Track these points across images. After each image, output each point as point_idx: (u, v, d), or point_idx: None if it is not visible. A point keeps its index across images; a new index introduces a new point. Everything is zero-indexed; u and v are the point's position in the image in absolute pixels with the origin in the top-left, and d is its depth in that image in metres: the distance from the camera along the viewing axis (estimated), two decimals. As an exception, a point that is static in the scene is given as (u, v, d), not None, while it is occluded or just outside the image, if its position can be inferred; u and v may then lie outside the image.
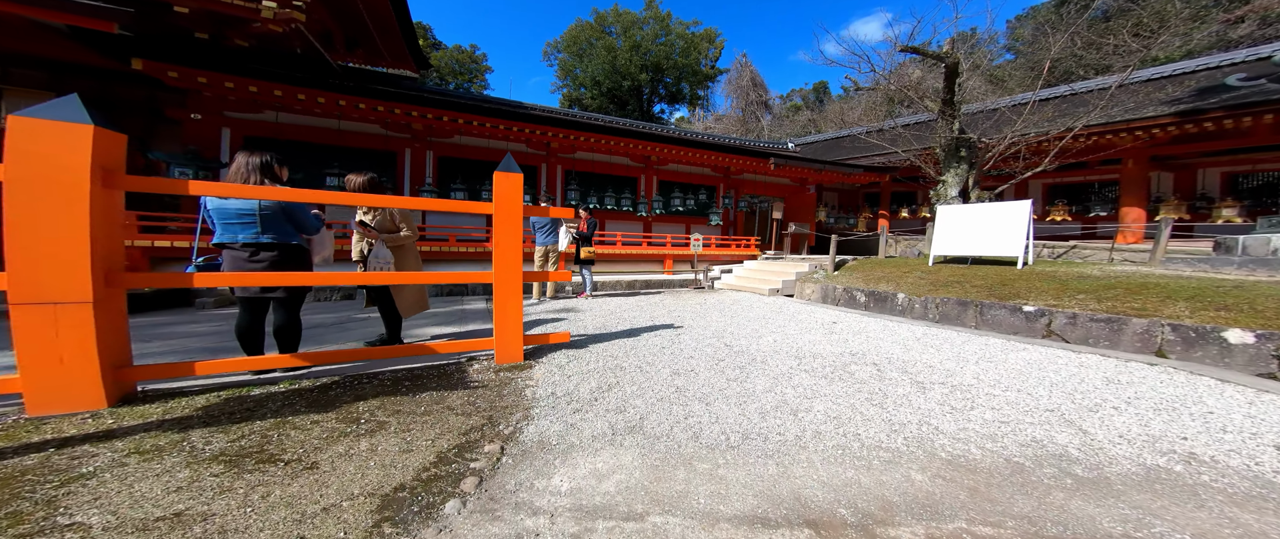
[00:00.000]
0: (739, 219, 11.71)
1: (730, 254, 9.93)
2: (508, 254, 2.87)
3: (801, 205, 11.77)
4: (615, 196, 8.85)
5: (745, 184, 11.40)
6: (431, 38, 27.54)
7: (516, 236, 2.89)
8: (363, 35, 9.44)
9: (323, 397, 2.24)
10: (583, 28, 25.16)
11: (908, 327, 4.83)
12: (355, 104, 5.57)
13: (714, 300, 6.73)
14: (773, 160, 9.44)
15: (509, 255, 2.87)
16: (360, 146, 6.91)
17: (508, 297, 2.91)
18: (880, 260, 7.87)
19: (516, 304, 2.94)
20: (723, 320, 4.97)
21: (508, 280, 2.90)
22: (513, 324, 2.95)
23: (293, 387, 2.35)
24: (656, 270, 9.23)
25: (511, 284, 2.91)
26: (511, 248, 2.87)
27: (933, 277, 5.91)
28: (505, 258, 2.87)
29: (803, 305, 6.41)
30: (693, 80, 28.37)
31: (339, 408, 2.12)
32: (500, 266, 2.87)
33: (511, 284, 2.91)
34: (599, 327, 4.37)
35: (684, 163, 10.17)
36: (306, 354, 2.47)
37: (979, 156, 7.25)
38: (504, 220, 2.85)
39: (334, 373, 2.57)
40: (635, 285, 8.34)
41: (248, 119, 6.08)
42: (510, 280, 2.90)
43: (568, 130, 7.61)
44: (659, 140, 8.72)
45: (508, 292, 2.90)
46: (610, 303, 6.11)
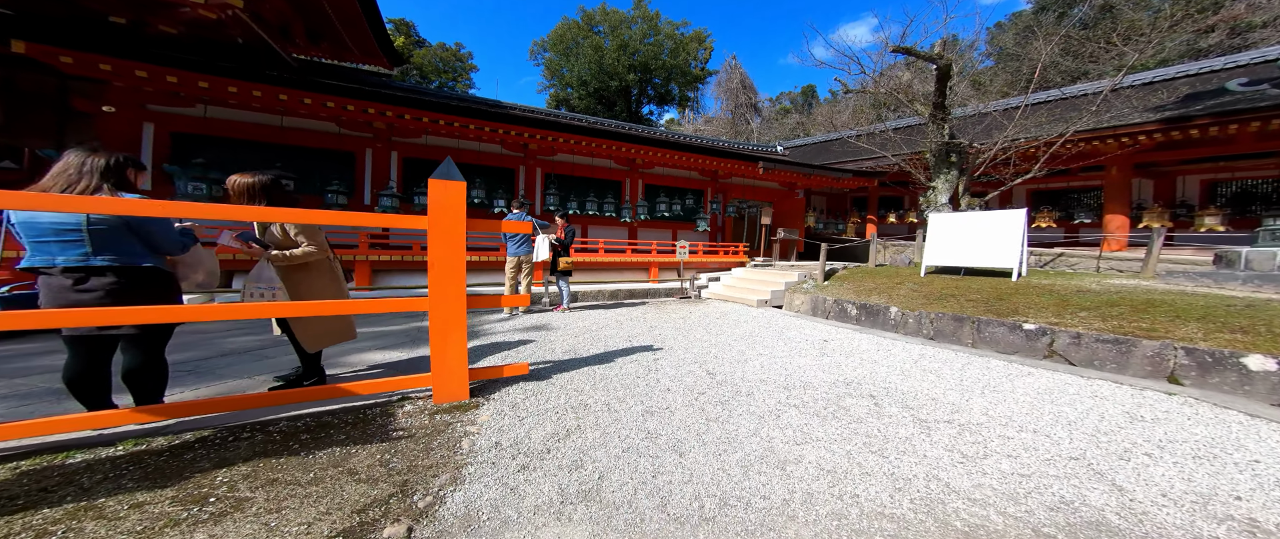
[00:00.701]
0: (727, 225, 11.40)
1: (718, 261, 9.59)
2: (446, 275, 2.42)
3: (790, 210, 11.54)
4: (598, 201, 8.42)
5: (734, 188, 11.11)
6: (415, 35, 26.72)
7: (457, 254, 2.45)
8: (326, 28, 8.82)
9: (172, 463, 1.75)
10: (569, 26, 24.67)
11: (902, 345, 4.52)
12: (300, 99, 5.01)
13: (700, 313, 6.36)
14: (761, 164, 9.16)
15: (447, 277, 2.43)
16: (310, 145, 6.32)
17: (447, 325, 2.46)
18: (870, 269, 7.63)
19: (458, 333, 2.50)
20: (707, 339, 4.59)
21: (446, 306, 2.45)
22: (454, 356, 2.50)
23: (135, 448, 1.84)
24: (641, 279, 8.83)
25: (451, 310, 2.46)
26: (451, 268, 2.43)
27: (926, 289, 5.65)
28: (444, 280, 2.43)
29: (792, 318, 6.08)
30: (682, 81, 28.11)
31: (186, 480, 1.63)
32: (437, 290, 2.42)
33: (451, 310, 2.46)
34: (568, 350, 3.93)
35: (670, 166, 9.82)
36: (170, 406, 1.98)
37: (969, 162, 7.07)
38: (441, 236, 2.41)
39: (208, 426, 2.06)
40: (619, 295, 7.91)
41: (173, 113, 5.45)
42: (449, 306, 2.46)
43: (545, 131, 7.18)
44: (644, 142, 8.35)
45: (446, 319, 2.45)
46: (589, 317, 5.68)
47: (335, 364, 3.29)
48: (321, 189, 6.45)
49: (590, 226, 9.31)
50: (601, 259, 8.06)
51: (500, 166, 8.15)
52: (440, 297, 2.42)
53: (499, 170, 8.20)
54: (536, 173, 8.58)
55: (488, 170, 7.93)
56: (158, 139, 5.27)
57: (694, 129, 31.89)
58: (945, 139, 6.73)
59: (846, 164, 11.94)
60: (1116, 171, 8.85)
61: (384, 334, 4.28)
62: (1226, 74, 9.08)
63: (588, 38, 23.89)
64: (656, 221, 9.76)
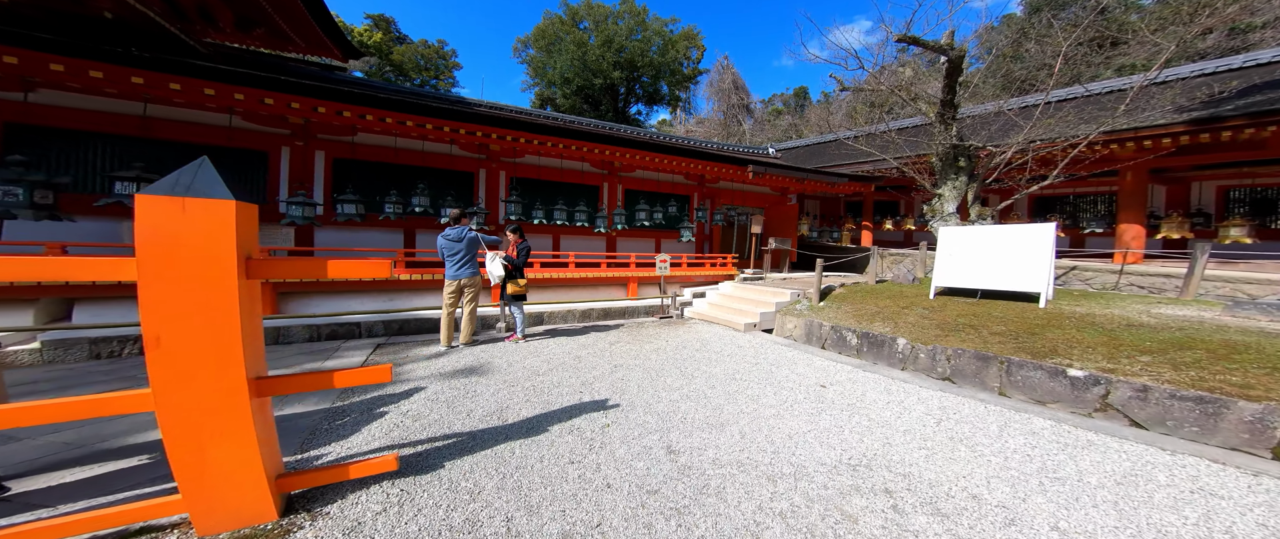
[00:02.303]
0: (715, 234, 10.56)
1: (704, 275, 8.73)
2: (190, 352, 1.50)
3: (783, 217, 10.75)
4: (569, 209, 7.51)
5: (722, 194, 10.29)
6: (395, 31, 25.67)
7: (221, 317, 1.53)
8: (256, 12, 7.83)
9: None
10: (553, 21, 23.68)
11: (916, 390, 3.67)
12: (166, 83, 4.00)
13: (678, 341, 5.47)
14: (751, 168, 8.33)
15: (195, 354, 1.51)
16: (194, 142, 5.24)
17: (200, 421, 1.54)
18: (871, 288, 6.80)
19: (237, 422, 1.58)
20: (679, 385, 3.70)
21: (194, 401, 1.53)
22: (230, 459, 1.58)
23: None
24: (619, 295, 7.94)
25: (206, 403, 1.54)
26: (200, 341, 1.51)
27: (938, 315, 4.83)
28: (188, 360, 1.51)
29: (784, 348, 5.22)
30: (672, 81, 27.26)
31: None
32: (168, 378, 1.50)
33: (206, 403, 1.54)
34: (493, 411, 3.02)
35: (653, 170, 8.96)
36: None
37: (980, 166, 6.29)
38: (172, 288, 1.48)
39: None
40: (591, 316, 7.01)
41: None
42: (203, 399, 1.54)
43: (504, 130, 6.28)
44: (622, 144, 7.49)
45: (197, 415, 1.54)
46: (545, 350, 4.77)
47: (81, 455, 2.33)
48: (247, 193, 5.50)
49: (562, 237, 8.39)
50: (573, 275, 7.16)
51: (457, 171, 7.21)
52: (175, 387, 1.50)
53: (455, 175, 7.27)
54: (500, 177, 7.66)
55: (436, 174, 6.98)
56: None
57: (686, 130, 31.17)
58: (954, 141, 5.94)
59: (842, 167, 11.19)
60: (1132, 177, 8.17)
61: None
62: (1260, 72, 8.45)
63: (571, 33, 22.91)
64: (637, 231, 8.89)
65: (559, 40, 22.98)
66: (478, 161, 7.41)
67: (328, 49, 9.51)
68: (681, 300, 8.05)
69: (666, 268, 7.50)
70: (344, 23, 21.36)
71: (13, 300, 3.76)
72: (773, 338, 5.90)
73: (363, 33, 22.91)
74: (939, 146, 6.06)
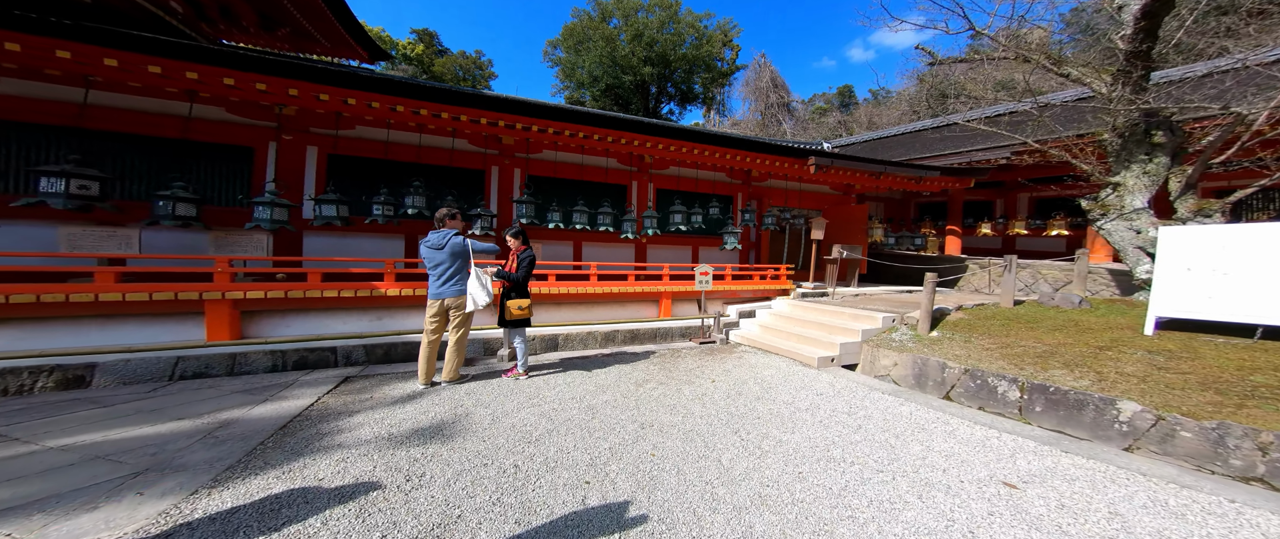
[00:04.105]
0: (763, 240, 8.96)
1: (752, 289, 7.19)
2: None
3: (848, 221, 8.94)
4: (592, 211, 6.33)
5: (772, 194, 8.72)
6: (438, 44, 26.53)
7: None
8: (279, 11, 7.52)
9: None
10: (582, 19, 23.05)
11: (1225, 511, 1.97)
12: (100, 59, 3.22)
13: (729, 381, 4.02)
14: (813, 161, 6.75)
15: None
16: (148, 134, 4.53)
17: None
18: (1009, 312, 4.94)
19: None
20: (745, 472, 2.28)
21: None
22: None
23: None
24: (649, 313, 6.60)
25: None
26: None
27: (1189, 365, 3.04)
28: None
29: (890, 400, 3.61)
30: (706, 78, 25.74)
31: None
32: None
33: None
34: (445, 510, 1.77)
35: (690, 164, 7.62)
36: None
37: (1190, 144, 4.27)
38: None
39: None
40: (614, 338, 5.72)
41: None
42: None
43: (521, 118, 5.23)
44: (656, 133, 6.24)
45: None
46: (549, 395, 3.52)
47: None
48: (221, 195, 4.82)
49: (584, 244, 7.21)
50: (595, 290, 5.91)
51: (466, 168, 6.27)
52: None
53: (466, 172, 6.32)
54: (514, 174, 6.64)
55: (440, 172, 6.05)
56: None
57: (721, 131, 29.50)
58: (1142, 109, 3.98)
59: (926, 159, 9.23)
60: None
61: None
62: None
63: (600, 30, 22.12)
64: (671, 237, 7.54)
65: (587, 38, 22.29)
66: (490, 158, 6.44)
67: (352, 49, 9.18)
68: (725, 320, 6.56)
69: (708, 281, 6.07)
70: (390, 36, 22.20)
71: None
72: (862, 379, 4.26)
73: (407, 46, 23.75)
74: (1120, 117, 4.15)
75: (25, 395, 3.11)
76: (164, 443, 2.37)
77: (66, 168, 3.39)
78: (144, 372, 3.50)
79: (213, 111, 4.73)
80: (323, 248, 5.41)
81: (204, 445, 2.34)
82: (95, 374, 3.39)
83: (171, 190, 3.77)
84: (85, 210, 3.63)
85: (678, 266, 6.79)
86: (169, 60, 3.52)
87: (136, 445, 2.31)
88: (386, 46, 20.00)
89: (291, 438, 2.52)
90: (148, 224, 3.90)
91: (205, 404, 3.00)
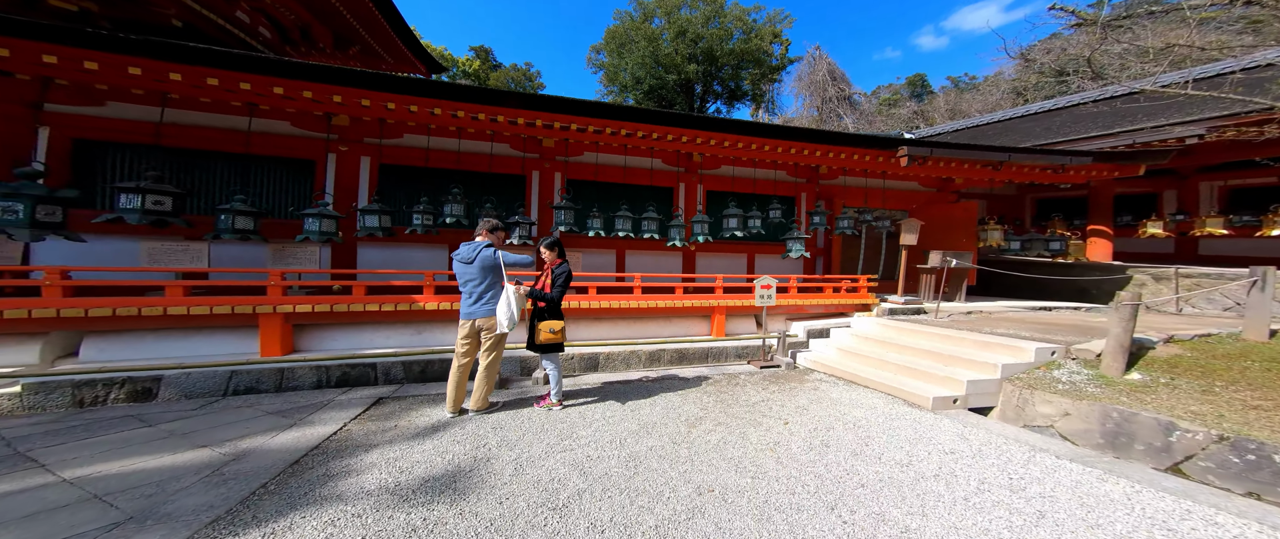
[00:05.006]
0: (834, 246, 7.79)
1: (823, 304, 6.14)
2: None
3: (946, 223, 7.42)
4: (635, 217, 5.80)
5: (844, 193, 7.55)
6: (492, 60, 28.24)
7: None
8: (349, 31, 8.14)
9: None
10: (624, 20, 22.81)
11: None
12: (268, 87, 3.44)
13: (807, 427, 3.17)
14: (904, 152, 5.56)
15: None
16: (264, 154, 4.89)
17: None
18: (1271, 350, 3.46)
19: None
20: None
21: None
22: None
23: None
24: (699, 330, 5.88)
25: None
26: None
27: None
28: None
29: (1078, 472, 2.53)
30: (755, 74, 24.20)
31: None
32: None
33: None
34: None
35: (746, 162, 6.81)
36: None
37: None
38: None
39: None
40: (662, 358, 5.10)
41: (80, 115, 4.22)
42: None
43: (564, 117, 4.88)
44: (709, 128, 5.57)
45: None
46: (583, 436, 2.98)
47: None
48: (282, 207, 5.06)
49: (626, 253, 6.68)
50: (639, 305, 5.34)
51: (506, 175, 6.06)
52: None
53: (505, 178, 6.12)
54: (555, 179, 6.33)
55: (485, 179, 5.90)
56: (54, 143, 4.15)
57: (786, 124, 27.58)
58: None
59: (1062, 145, 7.43)
60: None
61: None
62: None
63: (642, 29, 21.70)
64: (724, 244, 6.76)
65: (630, 40, 21.99)
66: (532, 162, 6.19)
67: (412, 64, 9.80)
68: (791, 339, 5.62)
69: (771, 295, 5.20)
70: (451, 54, 23.98)
71: (19, 333, 3.41)
72: (1010, 433, 3.15)
73: (465, 62, 25.52)
74: None
75: (98, 407, 3.26)
76: (169, 479, 2.18)
77: (143, 184, 3.60)
78: (202, 385, 3.58)
79: (280, 125, 4.96)
80: (374, 259, 5.47)
81: (204, 486, 2.11)
82: (161, 387, 3.50)
83: (231, 204, 3.91)
84: (160, 225, 3.85)
85: (732, 278, 5.99)
86: (260, 76, 3.64)
87: (141, 482, 2.14)
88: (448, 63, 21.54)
89: (295, 480, 2.23)
90: (211, 238, 4.07)
91: (234, 428, 2.89)
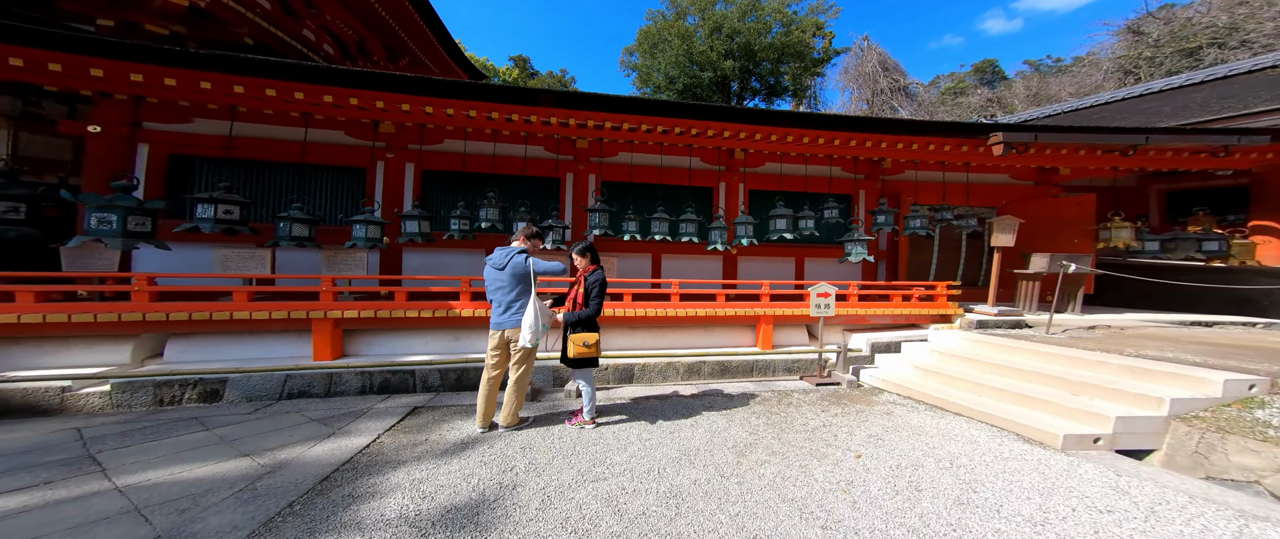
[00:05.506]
0: (901, 248, 6.90)
1: (891, 314, 5.40)
2: None
3: (1052, 220, 6.23)
4: (672, 218, 5.45)
5: (913, 189, 6.67)
6: (530, 68, 29.16)
7: None
8: (399, 43, 8.64)
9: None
10: (656, 19, 22.22)
11: None
12: (319, 96, 3.70)
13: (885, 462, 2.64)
14: (998, 139, 4.67)
15: None
16: (323, 163, 5.19)
17: None
18: None
19: None
20: None
21: None
22: None
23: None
24: (743, 341, 5.39)
25: None
26: None
27: None
28: None
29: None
30: (797, 67, 22.67)
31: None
32: None
33: None
34: None
35: (795, 158, 6.22)
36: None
37: None
38: None
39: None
40: (701, 371, 4.71)
41: (172, 131, 4.71)
42: None
43: (598, 114, 4.67)
44: (755, 121, 5.09)
45: None
46: (616, 463, 2.69)
47: None
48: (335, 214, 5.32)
49: (663, 257, 6.34)
50: (677, 313, 4.98)
51: (540, 177, 5.95)
52: None
53: (538, 181, 6.00)
54: (588, 180, 6.15)
55: (508, 181, 5.82)
56: (153, 162, 4.62)
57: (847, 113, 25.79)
58: None
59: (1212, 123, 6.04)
60: None
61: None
62: None
63: (675, 27, 21.01)
64: (768, 248, 6.19)
65: (663, 39, 21.40)
66: (565, 165, 6.05)
67: (456, 74, 10.23)
68: (852, 353, 4.98)
69: (830, 305, 4.60)
70: (492, 64, 25.07)
71: (112, 335, 3.78)
72: (1194, 487, 2.40)
73: (505, 72, 26.58)
74: None
75: (173, 407, 3.50)
76: (206, 492, 2.19)
77: (215, 195, 3.87)
78: (261, 388, 3.76)
79: (335, 135, 5.22)
80: (416, 265, 5.60)
81: (234, 503, 2.07)
82: (227, 389, 3.72)
83: (289, 212, 4.11)
84: (230, 233, 4.14)
85: (780, 284, 5.44)
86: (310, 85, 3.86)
87: (181, 493, 2.16)
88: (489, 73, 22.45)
89: (320, 500, 2.15)
90: (270, 245, 4.31)
91: (277, 436, 2.93)
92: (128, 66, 3.45)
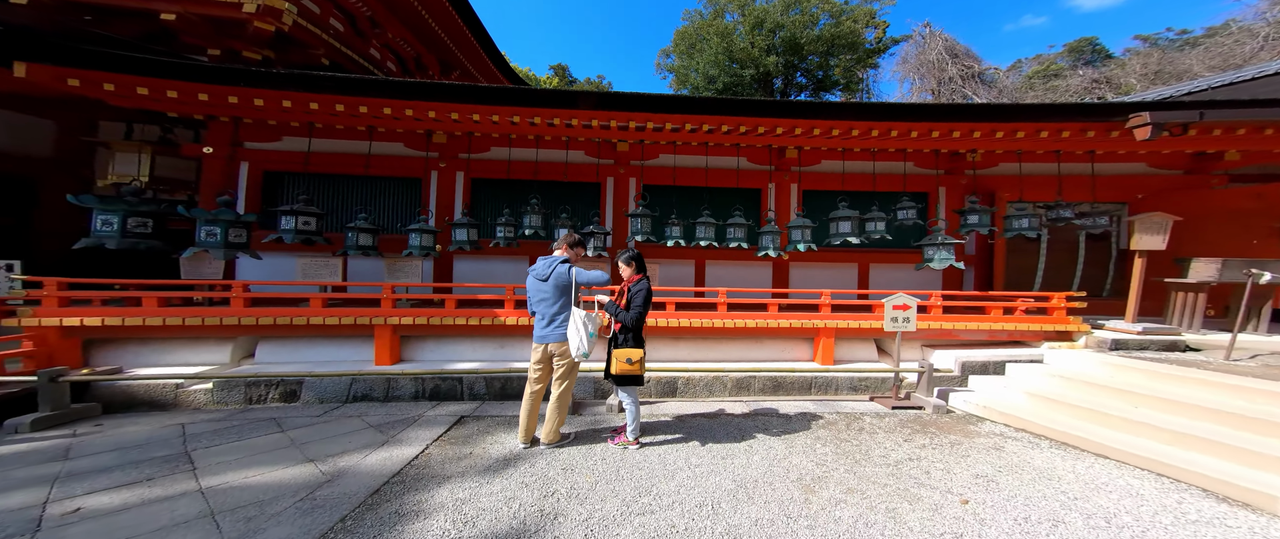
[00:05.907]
0: (997, 253, 5.91)
1: (986, 328, 4.60)
2: None
3: (1213, 216, 4.98)
4: (718, 223, 5.10)
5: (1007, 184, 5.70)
6: (569, 76, 29.98)
7: None
8: (452, 57, 9.17)
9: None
10: (693, 19, 21.35)
11: None
12: (380, 108, 4.04)
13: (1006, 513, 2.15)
14: (1145, 119, 3.70)
15: None
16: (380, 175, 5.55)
17: None
18: None
19: None
20: None
21: None
22: None
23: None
24: (799, 354, 4.90)
25: None
26: None
27: None
28: None
29: None
30: (849, 60, 20.70)
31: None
32: None
33: None
34: None
35: (858, 154, 5.59)
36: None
37: None
38: None
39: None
40: (752, 387, 4.34)
41: (265, 150, 5.27)
42: None
43: (639, 115, 4.49)
44: (808, 115, 4.62)
45: None
46: (665, 481, 2.49)
47: None
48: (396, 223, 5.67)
49: (707, 264, 5.98)
50: (725, 324, 4.63)
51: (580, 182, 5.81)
52: None
53: (579, 186, 5.89)
54: (629, 184, 5.97)
55: (550, 187, 5.79)
56: (251, 179, 5.26)
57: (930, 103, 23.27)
58: None
59: None
60: None
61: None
62: None
63: (713, 26, 20.12)
64: (825, 254, 5.58)
65: (700, 39, 20.56)
66: (606, 169, 5.94)
67: (502, 84, 10.83)
68: (938, 374, 4.31)
69: (911, 319, 3.99)
70: (533, 74, 26.08)
71: (215, 337, 4.26)
72: None
73: (546, 80, 27.56)
74: None
75: (259, 405, 3.86)
76: (273, 498, 2.29)
77: (294, 207, 4.24)
78: (331, 390, 4.03)
79: (394, 147, 5.55)
80: (466, 272, 5.79)
81: (294, 513, 2.14)
82: (303, 390, 4.04)
83: (356, 222, 4.41)
84: (308, 243, 4.52)
85: (841, 294, 4.87)
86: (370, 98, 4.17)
87: (252, 499, 2.28)
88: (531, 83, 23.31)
89: (371, 515, 2.15)
90: (341, 254, 4.64)
91: (339, 441, 3.07)
92: (225, 90, 3.90)
